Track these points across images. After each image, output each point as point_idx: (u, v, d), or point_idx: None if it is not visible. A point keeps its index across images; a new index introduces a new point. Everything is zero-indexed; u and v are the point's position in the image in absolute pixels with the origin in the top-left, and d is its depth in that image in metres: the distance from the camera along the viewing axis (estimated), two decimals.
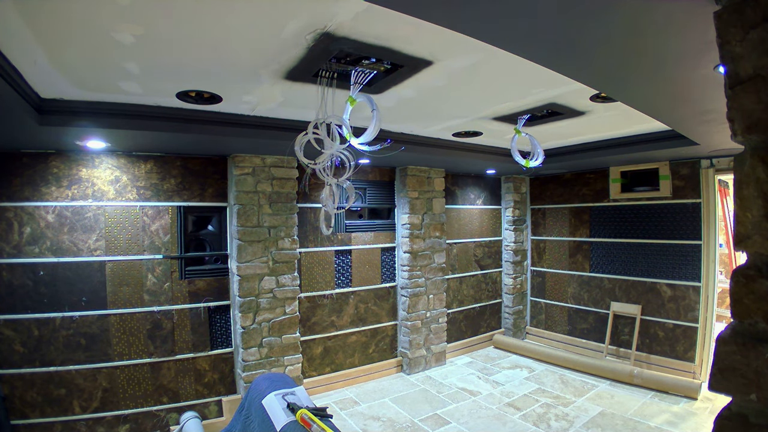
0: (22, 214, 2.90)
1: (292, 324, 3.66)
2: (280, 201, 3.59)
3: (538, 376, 4.45)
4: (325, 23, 1.51)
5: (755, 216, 0.59)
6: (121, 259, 3.19)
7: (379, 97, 2.37)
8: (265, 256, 3.51)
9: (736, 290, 0.62)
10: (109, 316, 3.14)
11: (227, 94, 2.32)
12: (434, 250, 4.69)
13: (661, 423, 3.29)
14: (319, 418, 1.87)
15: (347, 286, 4.30)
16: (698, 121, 2.46)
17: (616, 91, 1.99)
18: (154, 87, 2.16)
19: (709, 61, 1.47)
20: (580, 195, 5.17)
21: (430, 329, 4.67)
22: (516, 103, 2.61)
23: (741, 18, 0.62)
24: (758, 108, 0.60)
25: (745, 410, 0.59)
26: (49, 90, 2.13)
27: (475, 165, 4.62)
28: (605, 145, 3.82)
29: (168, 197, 3.37)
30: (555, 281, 5.48)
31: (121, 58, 1.78)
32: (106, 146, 2.97)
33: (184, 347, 3.40)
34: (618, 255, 4.76)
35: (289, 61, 1.86)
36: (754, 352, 0.58)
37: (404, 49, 1.77)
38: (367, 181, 4.44)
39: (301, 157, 1.93)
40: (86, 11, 1.39)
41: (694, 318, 4.08)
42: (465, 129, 3.33)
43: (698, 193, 4.08)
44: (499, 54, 1.53)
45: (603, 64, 1.58)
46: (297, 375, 3.69)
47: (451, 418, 3.53)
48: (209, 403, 3.51)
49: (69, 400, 3.01)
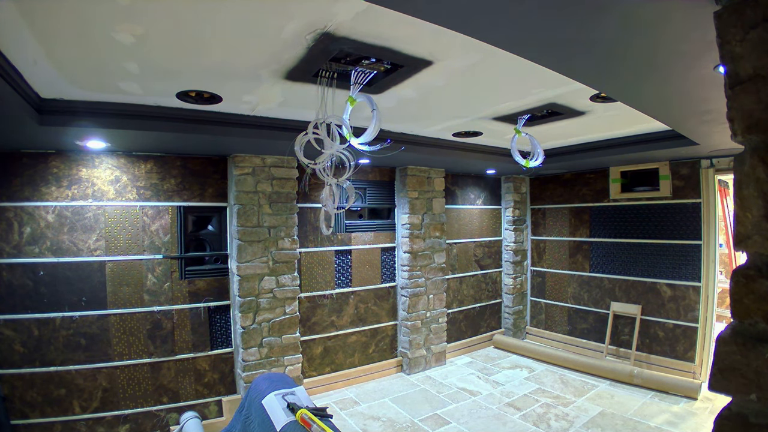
0: (22, 214, 2.90)
1: (292, 324, 3.66)
2: (280, 201, 3.59)
3: (538, 376, 4.45)
4: (325, 23, 1.51)
5: (755, 216, 0.59)
6: (121, 259, 3.19)
7: (379, 97, 2.37)
8: (265, 256, 3.51)
9: (736, 290, 0.62)
10: (109, 316, 3.14)
11: (227, 94, 2.32)
12: (434, 250, 4.69)
13: (661, 423, 3.29)
14: (319, 418, 1.87)
15: (347, 286, 4.30)
16: (698, 121, 2.46)
17: (616, 91, 1.99)
18: (154, 87, 2.16)
19: (709, 61, 1.47)
20: (580, 195, 5.17)
21: (430, 329, 4.67)
22: (516, 103, 2.61)
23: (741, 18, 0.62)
24: (758, 108, 0.60)
25: (745, 410, 0.59)
26: (49, 90, 2.13)
27: (475, 165, 4.62)
28: (605, 145, 3.82)
29: (168, 197, 3.37)
30: (555, 281, 5.48)
31: (121, 58, 1.78)
32: (106, 146, 2.97)
33: (184, 347, 3.40)
34: (618, 255, 4.76)
35: (289, 61, 1.86)
36: (754, 352, 0.58)
37: (404, 49, 1.77)
38: (367, 181, 4.44)
39: (301, 157, 1.93)
40: (86, 11, 1.39)
41: (694, 318, 4.08)
42: (465, 129, 3.33)
43: (698, 193, 4.08)
44: (499, 54, 1.53)
45: (603, 64, 1.58)
46: (297, 375, 3.69)
47: (451, 418, 3.53)
48: (209, 403, 3.51)
49: (69, 400, 3.01)
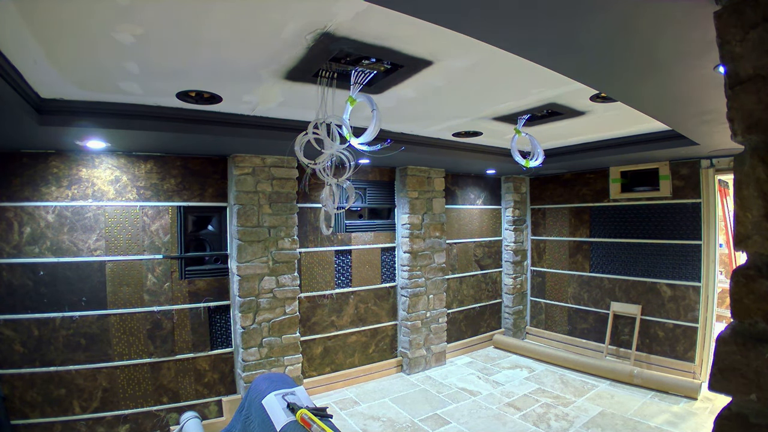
0: (22, 214, 2.90)
1: (292, 324, 3.66)
2: (280, 201, 3.59)
3: (538, 376, 4.45)
4: (324, 23, 1.51)
5: (755, 216, 0.59)
6: (121, 259, 3.19)
7: (379, 97, 2.37)
8: (265, 256, 3.51)
9: (736, 290, 0.62)
10: (109, 316, 3.14)
11: (227, 94, 2.32)
12: (434, 250, 4.69)
13: (661, 423, 3.29)
14: (319, 418, 1.87)
15: (347, 286, 4.30)
16: (698, 121, 2.46)
17: (616, 91, 1.99)
18: (154, 87, 2.16)
19: (709, 61, 1.47)
20: (580, 195, 5.16)
21: (430, 329, 4.67)
22: (516, 103, 2.61)
23: (741, 18, 0.62)
24: (758, 108, 0.60)
25: (745, 410, 0.59)
26: (49, 90, 2.13)
27: (475, 165, 4.62)
28: (605, 145, 3.81)
29: (168, 197, 3.37)
30: (555, 281, 5.48)
31: (121, 58, 1.78)
32: (106, 146, 2.97)
33: (184, 347, 3.40)
34: (618, 255, 4.75)
35: (289, 61, 1.86)
36: (754, 352, 0.58)
37: (404, 49, 1.77)
38: (367, 181, 4.44)
39: (301, 157, 1.94)
40: (86, 11, 1.39)
41: (694, 318, 4.08)
42: (465, 129, 3.33)
43: (698, 193, 4.08)
44: (499, 54, 1.53)
45: (603, 64, 1.58)
46: (297, 375, 3.69)
47: (451, 418, 3.53)
48: (209, 403, 3.51)
49: (69, 400, 3.01)
